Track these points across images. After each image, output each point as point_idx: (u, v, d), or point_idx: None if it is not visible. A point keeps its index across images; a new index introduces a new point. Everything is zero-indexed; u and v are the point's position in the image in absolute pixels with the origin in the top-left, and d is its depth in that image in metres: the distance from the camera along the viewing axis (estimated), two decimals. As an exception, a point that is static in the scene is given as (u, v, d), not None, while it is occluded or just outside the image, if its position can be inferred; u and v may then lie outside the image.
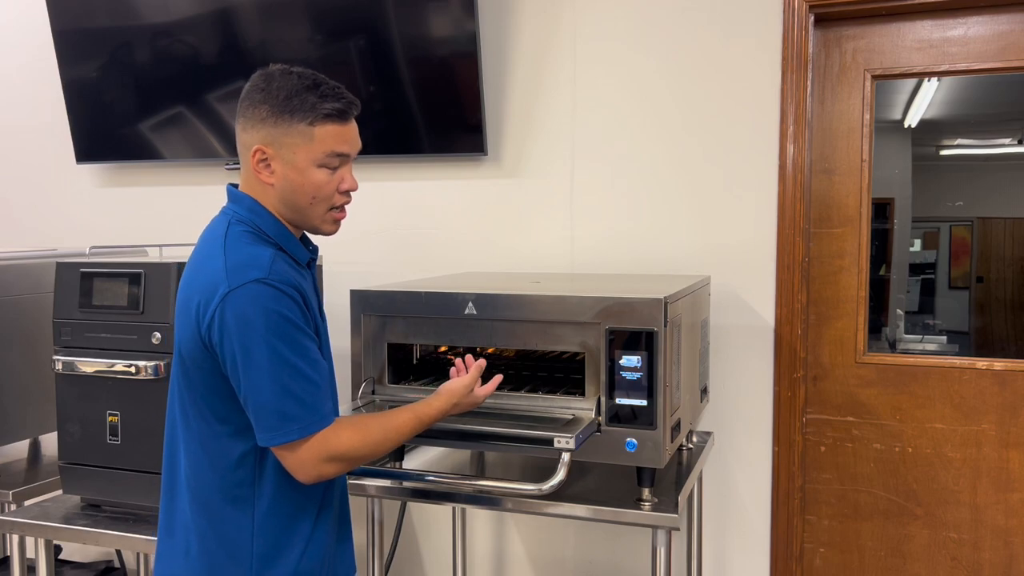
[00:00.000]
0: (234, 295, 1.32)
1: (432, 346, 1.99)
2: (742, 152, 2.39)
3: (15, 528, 2.00)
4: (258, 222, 1.44)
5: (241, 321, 1.32)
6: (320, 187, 1.43)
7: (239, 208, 1.45)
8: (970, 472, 2.34)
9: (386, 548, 2.68)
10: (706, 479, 2.48)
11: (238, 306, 1.32)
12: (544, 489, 1.61)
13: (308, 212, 1.46)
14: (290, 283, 1.37)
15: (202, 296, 1.36)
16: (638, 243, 2.50)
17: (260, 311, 1.32)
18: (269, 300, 1.33)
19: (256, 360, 1.32)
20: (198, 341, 1.37)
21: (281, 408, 1.33)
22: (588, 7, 2.51)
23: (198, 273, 1.40)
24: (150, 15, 2.81)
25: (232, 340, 1.32)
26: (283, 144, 1.41)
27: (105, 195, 3.11)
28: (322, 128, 1.41)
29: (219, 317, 1.33)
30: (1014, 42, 2.26)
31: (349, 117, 1.46)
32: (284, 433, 1.34)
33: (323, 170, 1.43)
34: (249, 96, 1.44)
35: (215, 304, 1.33)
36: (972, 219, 2.74)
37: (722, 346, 2.44)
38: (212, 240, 1.43)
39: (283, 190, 1.43)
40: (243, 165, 1.47)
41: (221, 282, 1.34)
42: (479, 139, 2.54)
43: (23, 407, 2.29)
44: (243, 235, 1.41)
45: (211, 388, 1.39)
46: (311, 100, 1.41)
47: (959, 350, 2.72)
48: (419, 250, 2.72)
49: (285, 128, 1.40)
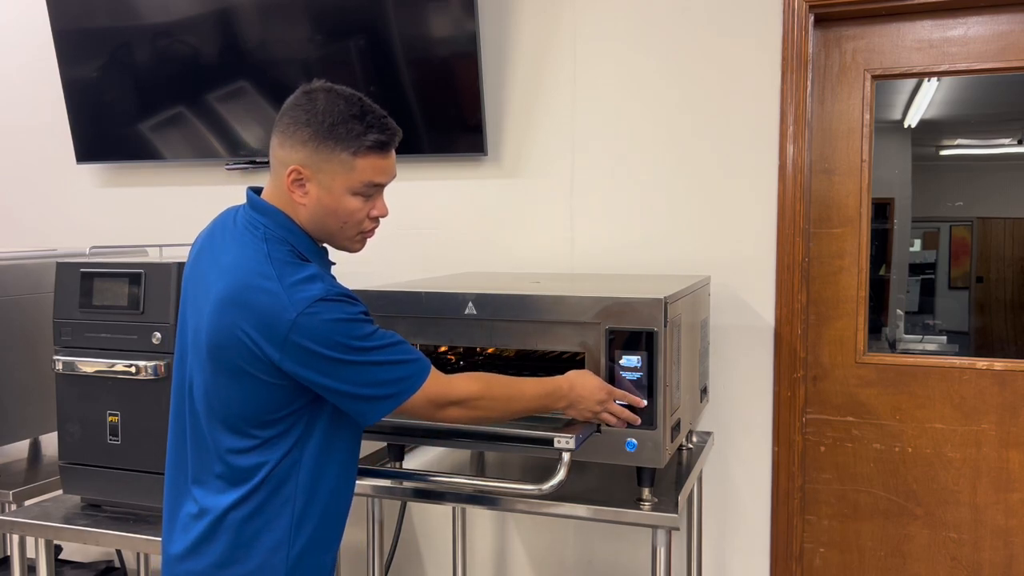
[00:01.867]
0: (303, 319, 1.34)
1: (432, 346, 1.99)
2: (742, 152, 2.39)
3: (15, 528, 2.00)
4: (291, 240, 1.44)
5: (320, 341, 1.34)
6: (353, 213, 1.45)
7: (270, 223, 1.44)
8: (970, 472, 2.34)
9: (386, 548, 2.68)
10: (706, 479, 2.48)
11: (312, 328, 1.34)
12: (544, 489, 1.61)
13: (337, 234, 1.48)
14: (342, 291, 1.40)
15: (262, 320, 1.35)
16: (638, 243, 2.50)
17: (334, 326, 1.35)
18: (337, 312, 1.36)
19: (351, 364, 1.37)
20: (262, 362, 1.36)
21: (395, 375, 1.41)
22: (588, 7, 2.51)
23: (246, 292, 1.37)
24: (150, 15, 2.81)
25: (318, 360, 1.35)
26: (322, 169, 1.41)
27: (105, 195, 3.11)
28: (364, 160, 1.42)
29: (295, 343, 1.34)
30: (1014, 42, 2.26)
31: (391, 148, 1.47)
32: (404, 391, 1.42)
33: (358, 198, 1.45)
34: (291, 114, 1.43)
35: (285, 331, 1.34)
36: (972, 219, 2.74)
37: (722, 346, 2.44)
38: (252, 259, 1.40)
39: (315, 211, 1.44)
40: (275, 177, 1.46)
41: (286, 307, 1.34)
42: (479, 139, 2.54)
43: (23, 407, 2.29)
44: (286, 255, 1.42)
45: (253, 397, 1.39)
46: (356, 130, 1.41)
47: (959, 350, 2.72)
48: (419, 250, 2.72)
49: (327, 155, 1.41)
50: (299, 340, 1.34)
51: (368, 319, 1.41)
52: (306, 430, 1.44)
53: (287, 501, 1.43)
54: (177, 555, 1.47)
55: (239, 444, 1.41)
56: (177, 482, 1.50)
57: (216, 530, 1.43)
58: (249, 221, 1.46)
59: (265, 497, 1.42)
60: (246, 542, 1.42)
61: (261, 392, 1.39)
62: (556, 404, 1.62)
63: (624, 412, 1.67)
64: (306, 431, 1.44)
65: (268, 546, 1.42)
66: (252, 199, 1.49)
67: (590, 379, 1.66)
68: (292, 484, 1.43)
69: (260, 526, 1.42)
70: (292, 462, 1.43)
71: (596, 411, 1.65)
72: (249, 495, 1.41)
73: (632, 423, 1.68)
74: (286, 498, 1.43)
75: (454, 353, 2.10)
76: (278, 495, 1.42)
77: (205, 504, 1.44)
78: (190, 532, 1.45)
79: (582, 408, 1.64)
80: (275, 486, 1.42)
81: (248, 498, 1.41)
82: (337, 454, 1.49)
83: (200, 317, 1.42)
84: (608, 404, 1.66)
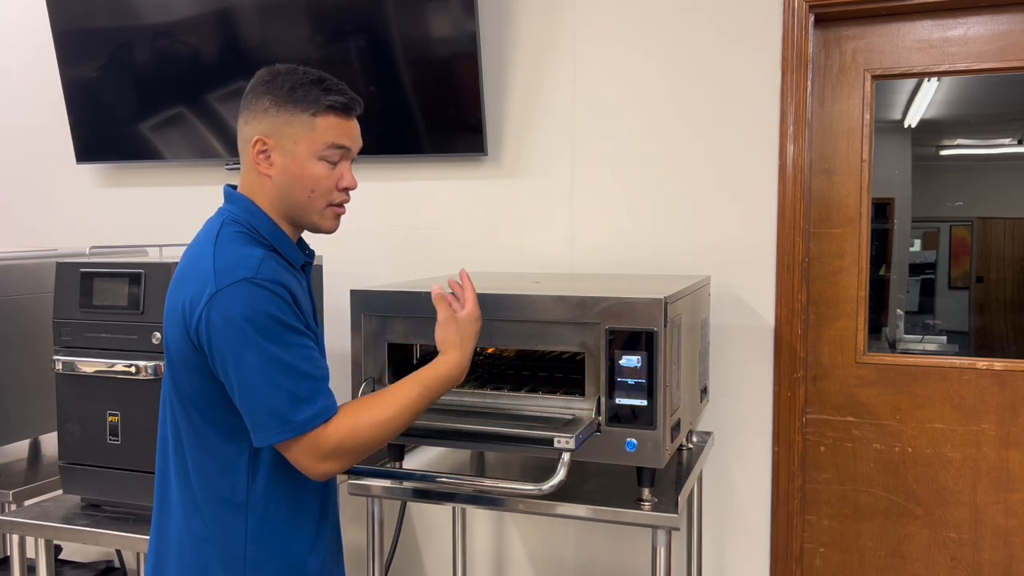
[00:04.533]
0: (221, 295, 1.31)
1: (432, 346, 1.98)
2: (742, 152, 2.39)
3: (15, 528, 2.00)
4: (253, 222, 1.43)
5: (229, 322, 1.31)
6: (319, 180, 1.43)
7: (234, 208, 1.45)
8: (970, 472, 2.34)
9: (386, 548, 2.68)
10: (706, 479, 2.48)
11: (225, 307, 1.31)
12: (544, 489, 1.61)
13: (306, 206, 1.45)
14: (279, 281, 1.35)
15: (190, 297, 1.35)
16: (638, 243, 2.50)
17: (248, 311, 1.31)
18: (257, 300, 1.32)
19: (247, 361, 1.31)
20: (187, 342, 1.36)
21: (273, 406, 1.31)
22: (588, 7, 2.51)
23: (187, 274, 1.40)
24: (150, 15, 2.81)
25: (221, 342, 1.32)
26: (284, 134, 1.42)
27: (105, 195, 3.11)
28: (324, 119, 1.42)
29: (206, 318, 1.32)
30: (1014, 42, 2.26)
31: (352, 113, 1.47)
32: (277, 432, 1.32)
33: (323, 163, 1.43)
34: (253, 90, 1.45)
35: (202, 305, 1.32)
36: (972, 219, 2.74)
37: (722, 346, 2.44)
38: (203, 241, 1.42)
39: (281, 183, 1.43)
40: (243, 161, 1.47)
41: (208, 283, 1.33)
42: (479, 139, 2.54)
43: (23, 407, 2.29)
44: (236, 236, 1.41)
45: (200, 391, 1.39)
46: (314, 92, 1.42)
47: (959, 350, 2.72)
48: (419, 250, 2.72)
49: (287, 118, 1.41)
50: (210, 314, 1.31)
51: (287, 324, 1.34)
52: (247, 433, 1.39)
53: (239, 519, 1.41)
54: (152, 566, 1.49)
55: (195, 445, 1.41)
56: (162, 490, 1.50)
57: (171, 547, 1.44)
58: (218, 212, 1.48)
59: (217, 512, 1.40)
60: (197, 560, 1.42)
61: (198, 381, 1.38)
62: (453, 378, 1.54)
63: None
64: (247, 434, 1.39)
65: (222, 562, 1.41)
66: (226, 191, 1.50)
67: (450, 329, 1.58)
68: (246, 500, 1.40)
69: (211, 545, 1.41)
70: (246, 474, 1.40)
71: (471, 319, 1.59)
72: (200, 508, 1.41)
73: None
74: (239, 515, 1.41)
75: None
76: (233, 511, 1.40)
77: (167, 515, 1.46)
78: (158, 542, 1.47)
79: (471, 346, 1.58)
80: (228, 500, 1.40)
81: (200, 512, 1.41)
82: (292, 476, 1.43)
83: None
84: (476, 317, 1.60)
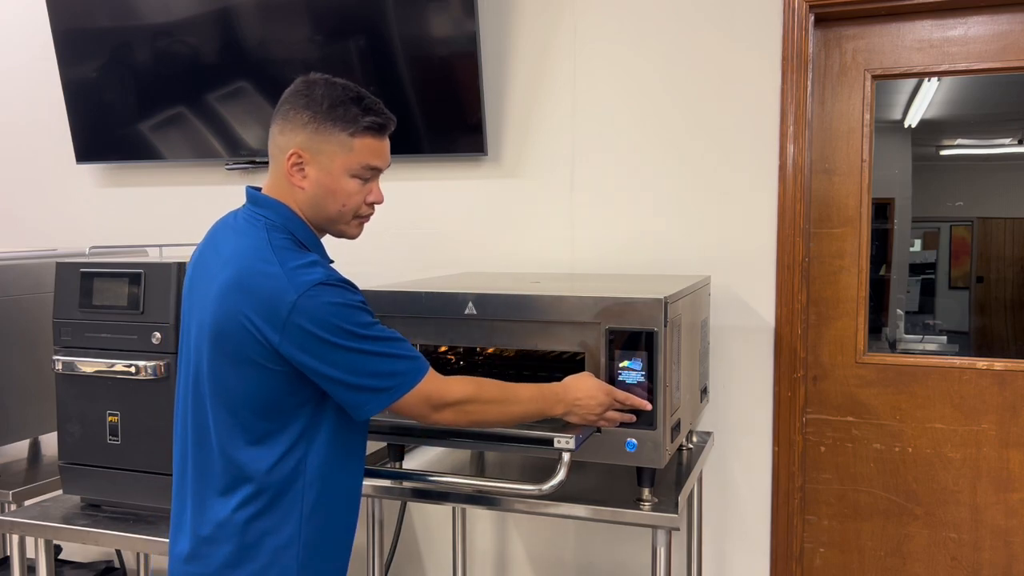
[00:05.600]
0: (304, 301, 1.35)
1: (432, 346, 1.99)
2: (742, 152, 2.39)
3: (15, 528, 2.00)
4: (291, 228, 1.47)
5: (320, 324, 1.36)
6: (351, 196, 1.49)
7: (271, 214, 1.47)
8: (970, 472, 2.34)
9: (386, 548, 2.68)
10: (706, 479, 2.48)
11: (312, 310, 1.35)
12: (544, 489, 1.61)
13: (336, 218, 1.51)
14: (342, 278, 1.42)
15: (263, 303, 1.36)
16: (638, 243, 2.50)
17: (334, 309, 1.37)
18: (338, 296, 1.38)
19: (348, 350, 1.37)
20: (263, 347, 1.37)
21: (392, 369, 1.41)
22: (588, 7, 2.51)
23: (244, 283, 1.38)
24: (150, 15, 2.81)
25: (316, 343, 1.36)
26: (321, 151, 1.45)
27: (105, 195, 3.11)
28: (361, 140, 1.47)
29: (295, 325, 1.35)
30: (1014, 42, 2.26)
31: (386, 133, 1.52)
32: (409, 381, 1.42)
33: (355, 180, 1.48)
34: (291, 100, 1.48)
35: (285, 313, 1.35)
36: (972, 219, 2.74)
37: (722, 346, 2.44)
38: (253, 248, 1.42)
39: (314, 195, 1.47)
40: (274, 167, 1.49)
41: (286, 289, 1.36)
42: (479, 139, 2.54)
43: (23, 407, 2.29)
44: (286, 241, 1.44)
45: (255, 386, 1.40)
46: (354, 111, 1.46)
47: (959, 350, 2.72)
48: (419, 250, 2.72)
49: (326, 136, 1.45)
50: (299, 321, 1.35)
51: (367, 309, 1.43)
52: (311, 427, 1.44)
53: (294, 502, 1.43)
54: (183, 557, 1.47)
55: (243, 439, 1.41)
56: (183, 483, 1.50)
57: (222, 531, 1.43)
58: (250, 215, 1.49)
59: (271, 498, 1.41)
60: (252, 543, 1.42)
61: (263, 380, 1.39)
62: (554, 409, 1.61)
63: (626, 417, 1.67)
64: (311, 428, 1.44)
65: (275, 546, 1.42)
66: (252, 195, 1.52)
67: (588, 381, 1.65)
68: (299, 485, 1.43)
69: (267, 527, 1.42)
70: (297, 460, 1.42)
71: (597, 414, 1.65)
72: (254, 495, 1.41)
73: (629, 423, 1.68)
74: (293, 499, 1.43)
75: (454, 353, 2.10)
76: (284, 496, 1.42)
77: (210, 505, 1.44)
78: (197, 533, 1.45)
79: (583, 413, 1.63)
80: (281, 486, 1.42)
81: (253, 498, 1.41)
82: (344, 459, 1.49)
83: (205, 310, 1.43)
84: (609, 408, 1.66)
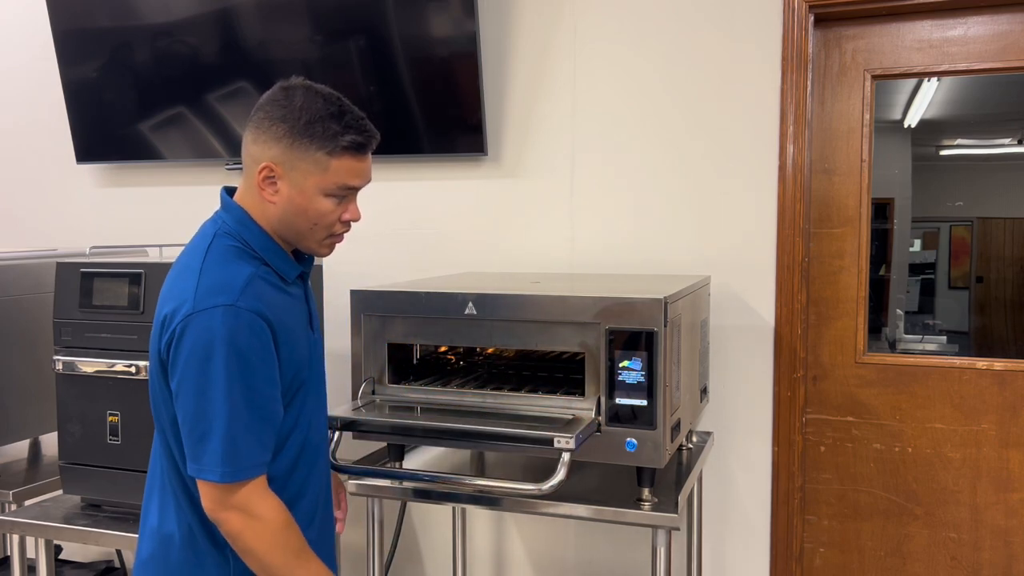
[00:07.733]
0: (197, 318, 1.29)
1: (432, 346, 1.99)
2: (742, 152, 2.39)
3: (15, 528, 2.00)
4: (245, 235, 1.40)
5: (198, 346, 1.28)
6: (324, 215, 1.40)
7: (228, 218, 1.42)
8: (970, 472, 2.34)
9: (386, 548, 2.68)
10: (706, 479, 2.48)
11: (198, 331, 1.28)
12: (544, 489, 1.61)
13: (306, 236, 1.43)
14: (258, 312, 1.32)
15: (169, 312, 1.33)
16: (638, 243, 2.50)
17: (219, 339, 1.27)
18: (232, 330, 1.28)
19: (205, 390, 1.28)
20: (157, 356, 1.35)
21: (217, 446, 1.29)
22: (588, 7, 2.51)
23: (173, 285, 1.37)
24: (150, 15, 2.81)
25: (186, 363, 1.29)
26: (295, 168, 1.37)
27: (105, 195, 3.11)
28: (339, 160, 1.37)
29: (177, 338, 1.29)
30: (1014, 42, 2.26)
31: (368, 151, 1.42)
32: (209, 471, 1.30)
33: (330, 199, 1.40)
34: (267, 109, 1.38)
35: (177, 323, 1.30)
36: (972, 219, 2.74)
37: (722, 346, 2.44)
38: (193, 252, 1.39)
39: (285, 211, 1.40)
40: (246, 174, 1.42)
41: (187, 301, 1.30)
42: (479, 139, 2.54)
43: (23, 407, 2.29)
44: (227, 250, 1.37)
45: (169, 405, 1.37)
46: (333, 129, 1.36)
47: (959, 350, 2.73)
48: (419, 250, 2.72)
49: (301, 153, 1.36)
50: (183, 334, 1.29)
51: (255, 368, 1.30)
52: None
53: None
54: (142, 561, 1.48)
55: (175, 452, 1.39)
56: (147, 490, 1.50)
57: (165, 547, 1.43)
58: (212, 219, 1.45)
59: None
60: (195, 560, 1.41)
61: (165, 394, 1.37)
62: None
63: None
64: None
65: None
66: (222, 196, 1.46)
67: None
68: None
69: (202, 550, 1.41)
70: None
71: None
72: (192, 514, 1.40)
73: None
74: None
75: (454, 353, 2.10)
76: None
77: (156, 518, 1.45)
78: (151, 542, 1.47)
79: None
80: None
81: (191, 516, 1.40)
82: None
83: None
84: None
